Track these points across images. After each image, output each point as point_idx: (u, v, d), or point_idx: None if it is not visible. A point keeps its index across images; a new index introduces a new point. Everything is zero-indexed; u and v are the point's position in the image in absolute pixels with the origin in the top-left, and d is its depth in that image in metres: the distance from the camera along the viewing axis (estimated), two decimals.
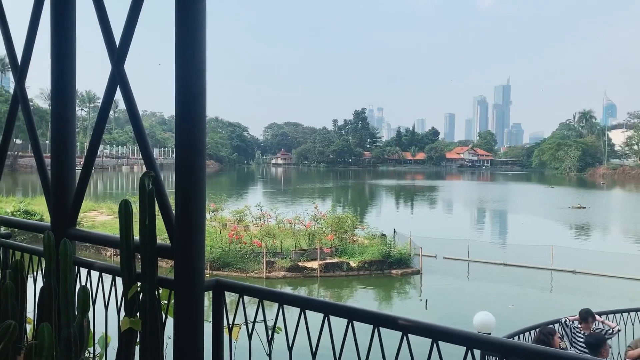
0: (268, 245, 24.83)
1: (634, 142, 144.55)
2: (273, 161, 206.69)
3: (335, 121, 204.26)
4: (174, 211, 2.67)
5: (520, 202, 67.41)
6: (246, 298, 2.73)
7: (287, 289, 22.14)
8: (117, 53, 2.93)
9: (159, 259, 2.79)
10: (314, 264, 24.05)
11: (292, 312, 2.53)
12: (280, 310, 2.54)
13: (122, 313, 2.84)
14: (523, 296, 21.74)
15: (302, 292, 22.25)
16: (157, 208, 2.72)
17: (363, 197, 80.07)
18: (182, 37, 2.51)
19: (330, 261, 24.55)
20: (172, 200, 2.77)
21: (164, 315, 2.79)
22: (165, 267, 3.50)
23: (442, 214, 56.60)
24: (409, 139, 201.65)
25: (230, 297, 2.80)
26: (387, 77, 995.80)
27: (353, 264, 24.52)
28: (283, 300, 2.55)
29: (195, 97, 2.53)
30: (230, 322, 2.76)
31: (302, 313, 2.44)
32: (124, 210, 2.81)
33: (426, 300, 20.45)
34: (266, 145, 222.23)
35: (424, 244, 26.21)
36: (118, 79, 2.94)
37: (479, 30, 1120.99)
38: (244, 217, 31.18)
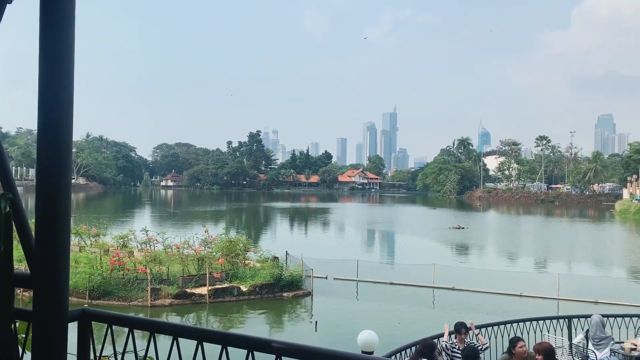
0: (153, 272, 23.70)
1: (505, 167, 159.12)
2: (163, 183, 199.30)
3: (229, 143, 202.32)
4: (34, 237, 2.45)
5: (406, 223, 70.85)
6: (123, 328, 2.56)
7: (174, 318, 21.25)
8: None
9: (18, 289, 2.54)
10: (203, 290, 23.34)
11: (166, 340, 2.41)
12: (152, 339, 2.41)
13: None
14: (408, 314, 22.70)
15: (190, 319, 21.46)
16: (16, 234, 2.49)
17: (257, 219, 79.65)
18: (46, 46, 2.33)
19: (221, 286, 23.97)
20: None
21: (21, 350, 2.54)
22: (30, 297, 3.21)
23: (333, 236, 57.92)
24: (304, 162, 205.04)
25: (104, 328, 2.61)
26: (283, 101, 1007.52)
27: (244, 288, 24.14)
28: (154, 328, 2.42)
29: (61, 111, 2.34)
30: (98, 354, 2.58)
31: (175, 341, 2.34)
32: None
33: (316, 322, 20.63)
34: (155, 167, 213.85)
35: (316, 265, 26.55)
36: None
37: (368, 59, 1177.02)
38: (128, 242, 29.61)
